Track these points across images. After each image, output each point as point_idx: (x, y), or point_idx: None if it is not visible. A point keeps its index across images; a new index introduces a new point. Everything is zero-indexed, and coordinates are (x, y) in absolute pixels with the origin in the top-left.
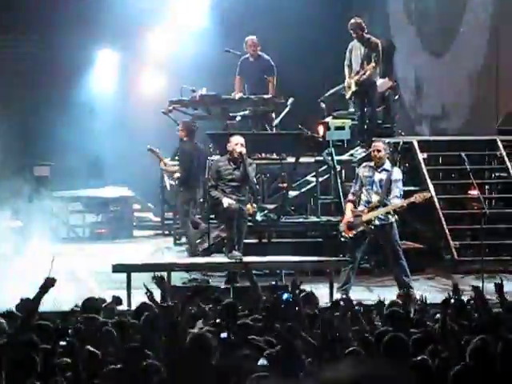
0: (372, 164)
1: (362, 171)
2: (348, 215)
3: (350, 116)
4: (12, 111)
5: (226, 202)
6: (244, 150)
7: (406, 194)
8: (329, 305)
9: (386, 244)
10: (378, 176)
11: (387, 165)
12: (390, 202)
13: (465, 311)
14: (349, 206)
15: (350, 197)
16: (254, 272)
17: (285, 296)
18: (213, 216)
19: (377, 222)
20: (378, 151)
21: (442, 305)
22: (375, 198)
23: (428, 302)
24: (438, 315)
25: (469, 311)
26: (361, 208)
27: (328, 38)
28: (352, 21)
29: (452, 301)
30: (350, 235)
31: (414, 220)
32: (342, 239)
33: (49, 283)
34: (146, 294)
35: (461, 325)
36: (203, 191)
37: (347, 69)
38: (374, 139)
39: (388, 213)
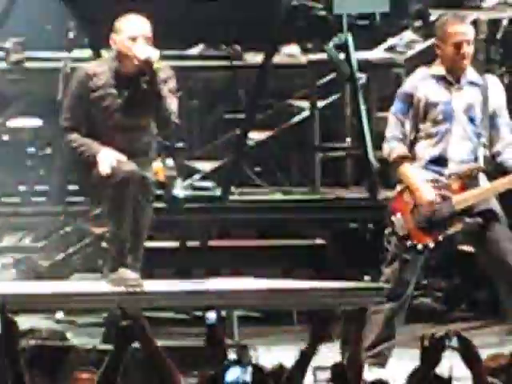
0: (442, 72)
1: (424, 90)
2: (423, 191)
3: None
4: None
5: (105, 158)
6: (156, 56)
7: None
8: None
9: (488, 253)
10: (459, 99)
11: (471, 72)
12: (504, 160)
13: None
14: (413, 171)
15: (400, 147)
16: (165, 315)
17: (233, 374)
18: (76, 188)
19: (482, 208)
20: (467, 44)
21: None
22: (466, 153)
23: None
24: None
25: None
26: (425, 174)
27: None
28: None
29: None
30: (430, 244)
31: None
32: (399, 253)
33: None
34: None
35: None
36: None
37: None
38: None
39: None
